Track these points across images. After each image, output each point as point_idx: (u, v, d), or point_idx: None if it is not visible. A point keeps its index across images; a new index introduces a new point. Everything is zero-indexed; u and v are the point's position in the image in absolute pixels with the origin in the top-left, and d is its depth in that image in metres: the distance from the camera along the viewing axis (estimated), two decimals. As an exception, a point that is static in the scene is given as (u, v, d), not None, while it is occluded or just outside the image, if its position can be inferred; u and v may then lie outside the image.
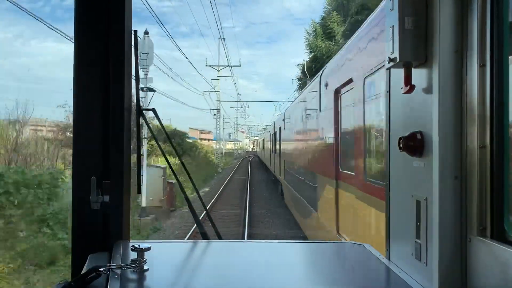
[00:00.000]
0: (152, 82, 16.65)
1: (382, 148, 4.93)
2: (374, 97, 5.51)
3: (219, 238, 2.43)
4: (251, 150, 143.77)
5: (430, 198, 1.51)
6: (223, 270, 1.85)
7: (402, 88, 1.62)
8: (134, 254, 1.67)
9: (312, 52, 36.99)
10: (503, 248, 1.29)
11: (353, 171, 6.52)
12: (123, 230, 2.07)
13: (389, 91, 1.87)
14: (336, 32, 34.59)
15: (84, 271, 1.63)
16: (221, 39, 49.43)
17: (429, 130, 1.52)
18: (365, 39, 5.99)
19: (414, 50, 1.54)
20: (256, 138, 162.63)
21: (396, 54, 1.56)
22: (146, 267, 1.65)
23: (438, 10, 1.47)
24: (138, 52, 2.17)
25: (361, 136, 6.01)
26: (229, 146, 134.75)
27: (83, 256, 1.90)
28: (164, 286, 1.62)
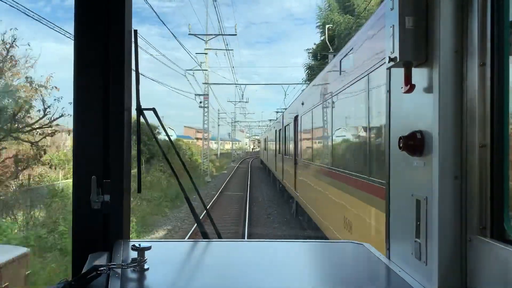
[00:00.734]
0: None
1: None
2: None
3: (219, 237, 2.43)
4: (251, 150, 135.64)
5: (430, 198, 1.51)
6: (224, 270, 1.85)
7: (402, 87, 1.62)
8: (134, 254, 1.67)
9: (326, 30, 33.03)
10: (503, 247, 1.29)
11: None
12: (124, 230, 2.07)
13: (389, 91, 1.87)
14: (355, 4, 30.46)
15: (84, 271, 1.64)
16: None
17: (429, 129, 1.52)
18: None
19: (414, 49, 1.54)
20: (256, 137, 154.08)
21: (396, 54, 1.56)
22: (146, 267, 1.65)
23: (438, 9, 1.47)
24: (138, 51, 2.18)
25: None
26: (228, 146, 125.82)
27: (84, 255, 1.91)
28: (164, 285, 1.62)
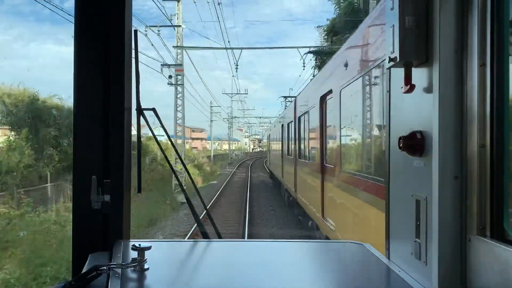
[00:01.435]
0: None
1: None
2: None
3: (219, 237, 2.43)
4: (251, 150, 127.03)
5: (430, 198, 1.51)
6: (224, 269, 1.85)
7: (402, 87, 1.62)
8: (134, 254, 1.67)
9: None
10: (503, 247, 1.30)
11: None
12: (124, 230, 2.08)
13: (389, 91, 1.87)
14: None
15: (84, 270, 1.64)
16: None
17: (429, 129, 1.52)
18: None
19: (415, 49, 1.54)
20: (256, 137, 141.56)
21: (396, 54, 1.56)
22: (146, 266, 1.65)
23: (438, 9, 1.47)
24: (138, 51, 2.18)
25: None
26: (225, 146, 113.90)
27: (84, 255, 1.91)
28: (164, 285, 1.62)
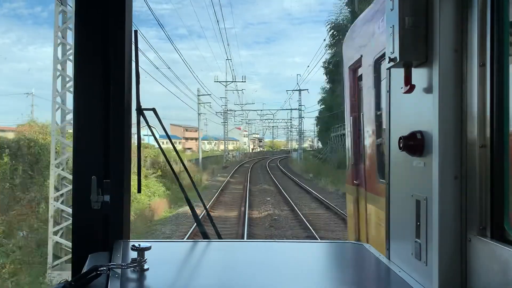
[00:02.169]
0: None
1: None
2: None
3: (219, 237, 2.43)
4: (251, 151, 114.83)
5: (430, 198, 1.51)
6: (223, 270, 1.85)
7: (402, 87, 1.62)
8: (134, 254, 1.67)
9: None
10: (503, 247, 1.29)
11: None
12: (124, 230, 2.08)
13: (389, 91, 1.87)
14: None
15: (84, 271, 1.63)
16: None
17: (429, 129, 1.52)
18: None
19: (414, 50, 1.54)
20: (256, 136, 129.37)
21: (396, 54, 1.56)
22: (146, 267, 1.65)
23: (438, 9, 1.47)
24: (138, 52, 2.18)
25: None
26: (223, 146, 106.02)
27: (84, 255, 1.91)
28: (164, 286, 1.62)
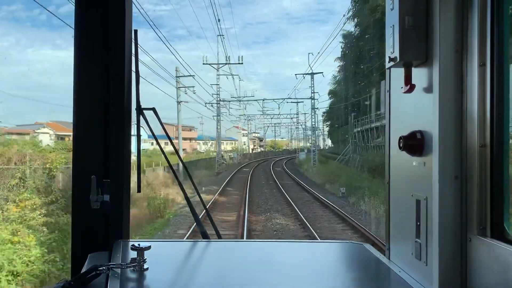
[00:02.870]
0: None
1: None
2: None
3: (219, 237, 2.43)
4: (251, 151, 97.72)
5: (430, 198, 1.51)
6: (223, 270, 1.85)
7: (402, 87, 1.62)
8: (134, 253, 1.67)
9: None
10: (503, 247, 1.29)
11: None
12: (123, 229, 2.08)
13: (389, 91, 1.87)
14: None
15: (84, 270, 1.63)
16: None
17: (429, 129, 1.52)
18: None
19: (414, 49, 1.54)
20: (256, 135, 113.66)
21: (396, 54, 1.56)
22: (146, 266, 1.65)
23: (438, 9, 1.47)
24: (138, 51, 2.18)
25: None
26: (221, 147, 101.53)
27: (83, 255, 1.91)
28: (164, 285, 1.62)
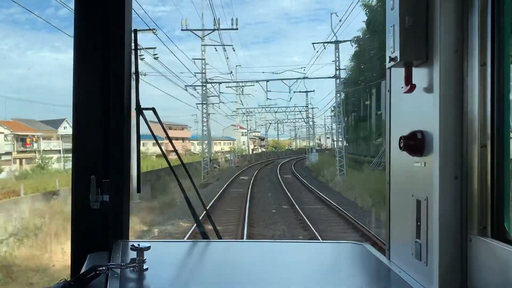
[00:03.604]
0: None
1: None
2: None
3: (219, 237, 2.43)
4: (251, 152, 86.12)
5: (430, 198, 1.50)
6: (223, 270, 1.84)
7: (402, 87, 1.62)
8: (133, 254, 1.67)
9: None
10: (504, 247, 1.29)
11: None
12: (123, 230, 2.07)
13: (389, 91, 1.86)
14: None
15: (83, 270, 1.63)
16: None
17: (429, 129, 1.52)
18: None
19: (415, 49, 1.54)
20: (256, 134, 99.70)
21: (396, 54, 1.56)
22: (145, 267, 1.65)
23: (438, 9, 1.47)
24: (137, 51, 2.18)
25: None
26: (218, 147, 77.55)
27: (83, 255, 1.90)
28: (163, 286, 1.62)
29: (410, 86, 1.58)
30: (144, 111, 2.18)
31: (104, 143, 2.03)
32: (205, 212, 2.64)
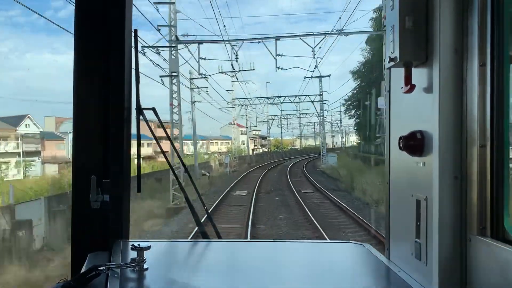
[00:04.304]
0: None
1: None
2: None
3: (219, 237, 2.43)
4: (252, 153, 74.66)
5: (430, 198, 1.51)
6: (223, 270, 1.85)
7: (402, 87, 1.62)
8: (133, 253, 1.67)
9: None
10: (503, 247, 1.29)
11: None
12: (123, 229, 2.07)
13: (389, 91, 1.87)
14: None
15: (83, 270, 1.63)
16: None
17: (429, 129, 1.52)
18: None
19: (415, 49, 1.54)
20: (257, 132, 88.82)
21: (396, 54, 1.56)
22: (145, 266, 1.65)
23: (438, 9, 1.47)
24: (138, 51, 2.18)
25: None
26: (213, 147, 73.16)
27: (83, 255, 1.91)
28: (163, 285, 1.62)
29: (409, 86, 1.58)
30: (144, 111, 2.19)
31: (104, 143, 2.04)
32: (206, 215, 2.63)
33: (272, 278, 1.71)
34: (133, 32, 2.13)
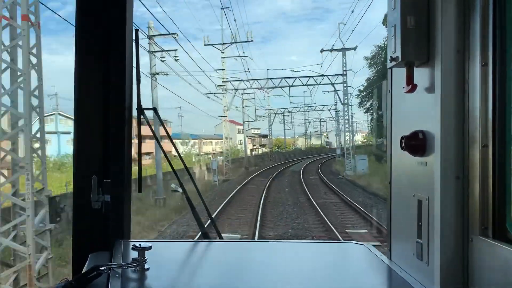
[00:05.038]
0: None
1: None
2: None
3: (220, 237, 2.43)
4: (250, 154, 60.78)
5: (432, 198, 1.50)
6: (224, 270, 1.84)
7: (404, 87, 1.61)
8: (135, 254, 1.67)
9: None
10: (505, 247, 1.29)
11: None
12: (124, 229, 2.07)
13: (390, 90, 1.86)
14: None
15: (85, 270, 1.63)
16: None
17: (431, 129, 1.51)
18: None
19: (416, 49, 1.54)
20: (256, 131, 78.15)
21: (398, 54, 1.56)
22: (147, 266, 1.65)
23: (440, 9, 1.46)
24: (139, 51, 2.18)
25: None
26: (207, 148, 62.71)
27: (84, 255, 1.91)
28: (165, 286, 1.62)
29: (411, 86, 1.58)
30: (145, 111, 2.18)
31: (105, 143, 2.04)
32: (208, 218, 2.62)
33: (273, 278, 1.70)
34: (133, 32, 2.13)
